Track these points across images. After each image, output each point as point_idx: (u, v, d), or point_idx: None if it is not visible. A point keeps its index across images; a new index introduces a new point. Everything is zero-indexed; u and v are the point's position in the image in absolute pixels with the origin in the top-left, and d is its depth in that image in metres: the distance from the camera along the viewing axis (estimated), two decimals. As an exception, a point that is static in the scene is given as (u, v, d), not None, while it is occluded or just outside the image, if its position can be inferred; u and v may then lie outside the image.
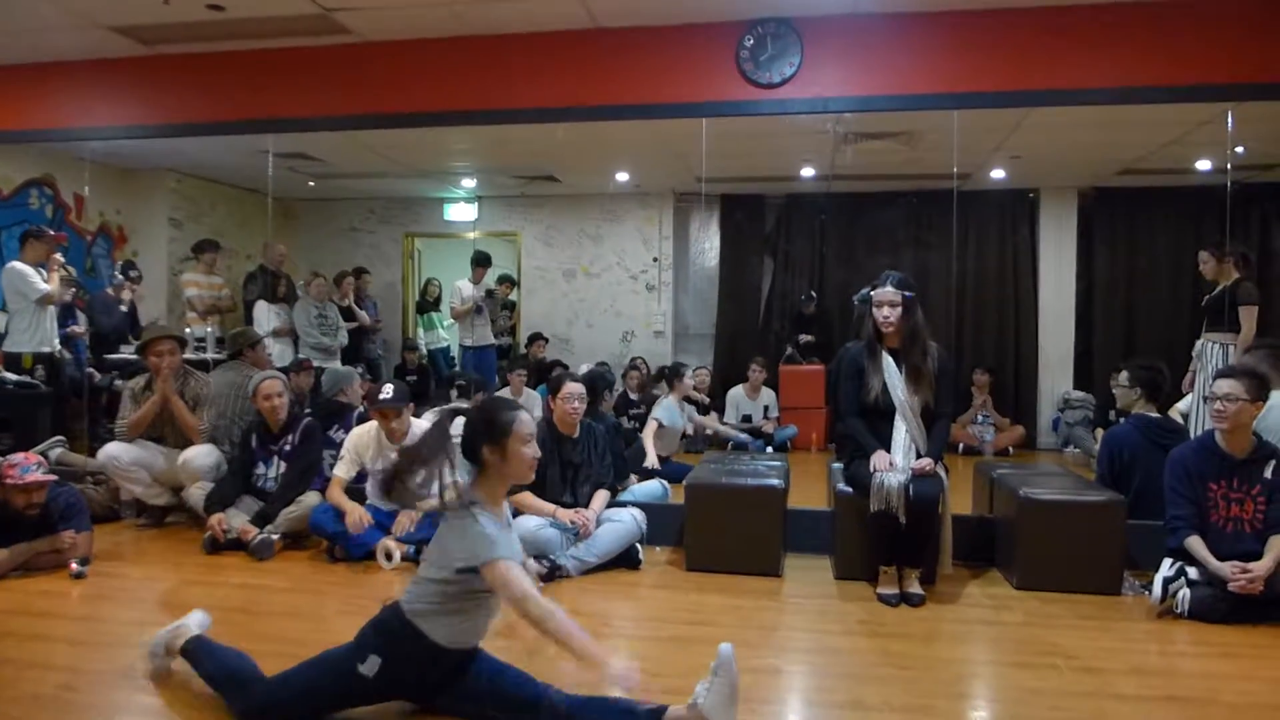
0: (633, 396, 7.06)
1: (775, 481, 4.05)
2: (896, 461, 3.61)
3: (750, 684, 2.75)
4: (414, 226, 8.69)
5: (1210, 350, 5.04)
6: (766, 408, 7.46)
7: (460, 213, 8.54)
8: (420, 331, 8.46)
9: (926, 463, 3.59)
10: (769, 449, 7.06)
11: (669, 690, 2.58)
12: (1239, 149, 5.12)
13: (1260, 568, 3.26)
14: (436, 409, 2.55)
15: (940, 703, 2.66)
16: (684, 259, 8.33)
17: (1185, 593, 3.38)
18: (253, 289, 6.82)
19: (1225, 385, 3.48)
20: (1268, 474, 3.46)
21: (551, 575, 3.77)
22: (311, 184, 7.68)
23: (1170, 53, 4.21)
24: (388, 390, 4.22)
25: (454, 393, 5.23)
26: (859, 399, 3.75)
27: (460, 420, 2.50)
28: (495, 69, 4.78)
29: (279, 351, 6.41)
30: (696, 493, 4.07)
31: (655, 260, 8.21)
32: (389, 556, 3.95)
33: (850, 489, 3.81)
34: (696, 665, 2.85)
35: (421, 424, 4.38)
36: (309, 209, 8.36)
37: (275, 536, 4.15)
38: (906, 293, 3.68)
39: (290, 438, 4.47)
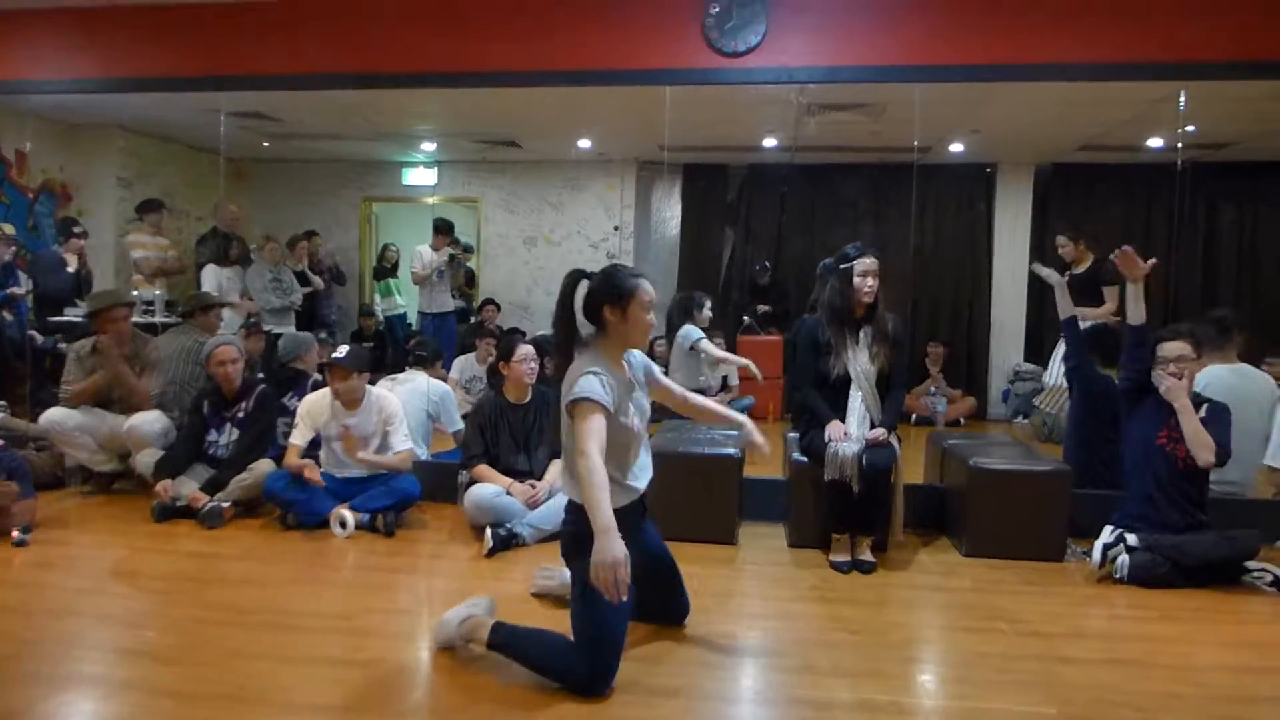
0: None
1: (732, 450, 4.08)
2: (851, 431, 3.66)
3: (704, 650, 2.79)
4: (372, 190, 8.53)
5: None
6: (725, 377, 7.49)
7: (419, 177, 8.39)
8: (378, 298, 8.34)
9: (880, 433, 3.64)
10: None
11: (633, 659, 2.61)
12: (1190, 128, 5.23)
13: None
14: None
15: (889, 666, 2.72)
16: (645, 228, 8.30)
17: (1124, 558, 3.49)
18: (204, 251, 6.66)
19: (1177, 348, 3.58)
20: (1201, 414, 3.57)
21: (508, 543, 3.77)
22: (266, 144, 7.49)
23: (1127, 30, 4.26)
24: (341, 350, 4.17)
25: (410, 361, 5.17)
26: (817, 369, 3.79)
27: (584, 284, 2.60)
28: (457, 30, 4.69)
29: (227, 317, 6.28)
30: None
31: (616, 229, 8.16)
32: (343, 524, 3.92)
33: (805, 458, 3.86)
34: (650, 633, 2.89)
35: (379, 392, 4.33)
36: (263, 170, 8.15)
37: (226, 504, 4.09)
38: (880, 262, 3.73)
39: (244, 404, 4.40)
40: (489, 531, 3.75)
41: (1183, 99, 4.63)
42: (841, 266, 3.75)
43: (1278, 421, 3.71)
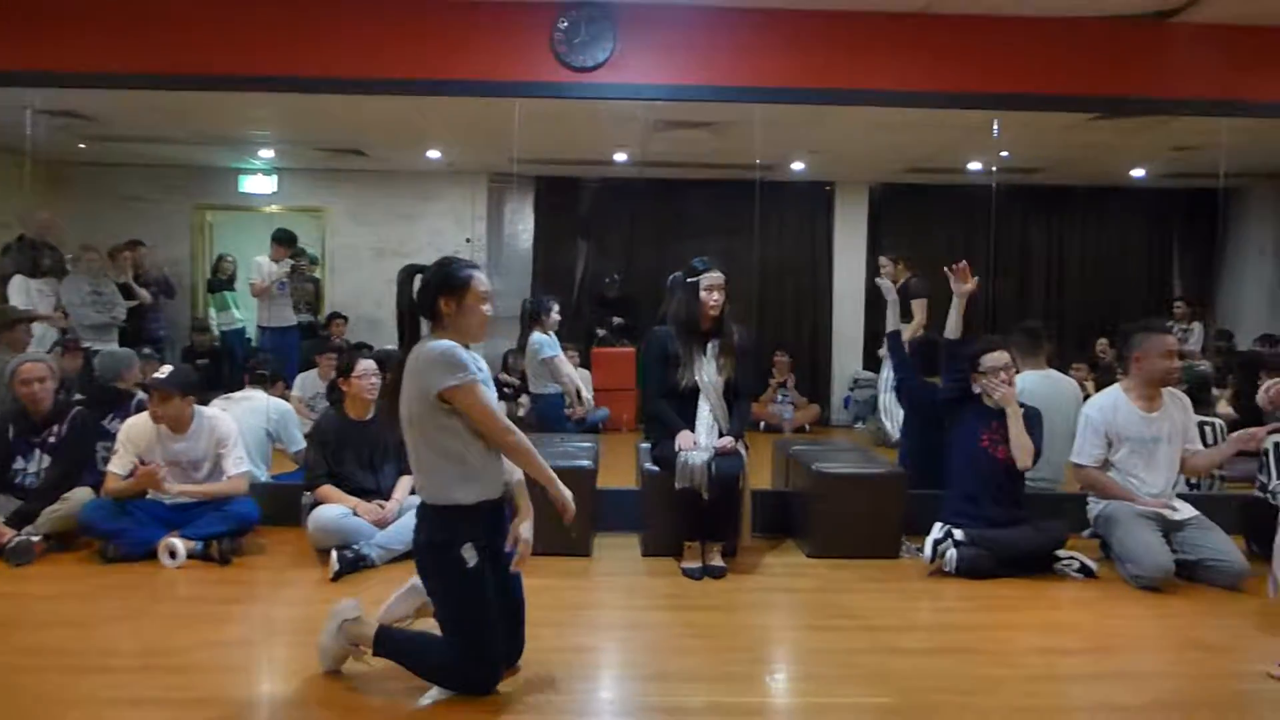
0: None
1: (585, 463, 4.10)
2: (700, 440, 3.75)
3: (559, 664, 2.79)
4: (205, 198, 8.05)
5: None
6: (579, 390, 7.51)
7: (257, 185, 7.98)
8: (213, 312, 7.86)
9: (728, 441, 3.75)
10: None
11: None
12: (1004, 154, 5.69)
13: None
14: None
15: (740, 669, 2.80)
16: (498, 241, 8.23)
17: (953, 553, 3.73)
18: (9, 262, 6.08)
19: (1001, 358, 3.88)
20: None
21: (356, 565, 3.64)
22: (82, 146, 6.94)
23: (949, 63, 4.59)
24: (163, 370, 3.92)
25: (247, 379, 4.91)
26: (666, 380, 3.86)
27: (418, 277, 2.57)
28: (294, 33, 4.49)
29: (40, 333, 5.76)
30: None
31: (468, 241, 8.05)
32: (173, 554, 3.68)
33: (657, 468, 3.92)
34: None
35: (212, 413, 4.09)
36: (82, 174, 7.54)
37: (36, 538, 3.73)
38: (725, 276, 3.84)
39: (56, 428, 4.06)
40: (334, 554, 3.61)
41: (996, 127, 5.03)
42: (688, 280, 3.85)
43: (1081, 423, 4.07)
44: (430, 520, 2.54)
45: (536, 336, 6.08)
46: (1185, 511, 3.82)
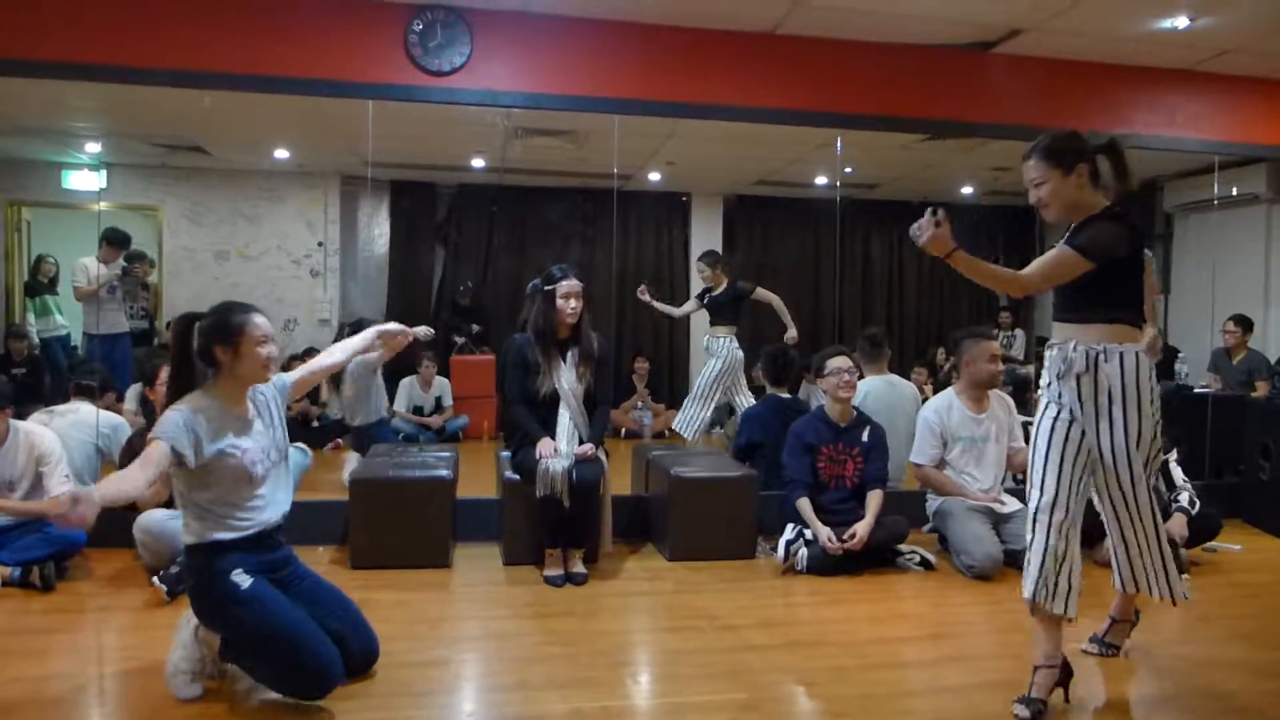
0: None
1: (444, 473, 4.04)
2: (561, 448, 3.77)
3: (417, 678, 2.74)
4: (21, 194, 7.38)
5: (717, 343, 6.03)
6: (439, 399, 7.39)
7: (83, 181, 7.38)
8: (31, 317, 7.24)
9: (588, 448, 3.78)
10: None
11: (337, 695, 2.49)
12: (848, 169, 6.01)
13: (863, 528, 3.85)
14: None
15: (601, 674, 2.83)
16: (352, 245, 7.96)
17: (803, 552, 3.90)
18: None
19: (843, 361, 4.08)
20: (864, 437, 4.11)
21: (180, 580, 3.43)
22: None
23: (795, 82, 4.80)
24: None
25: (72, 390, 4.55)
26: (525, 387, 3.86)
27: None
28: (128, 18, 4.21)
29: None
30: (361, 488, 3.93)
31: (320, 245, 7.75)
32: (-14, 582, 3.37)
33: (517, 475, 3.91)
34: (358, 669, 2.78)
35: (30, 428, 3.77)
36: None
37: None
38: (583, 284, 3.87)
39: None
40: (156, 579, 3.40)
41: (840, 144, 5.31)
42: (546, 288, 3.86)
43: (920, 424, 4.34)
44: (188, 557, 2.57)
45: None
46: (1011, 505, 4.14)
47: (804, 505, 3.95)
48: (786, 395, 4.91)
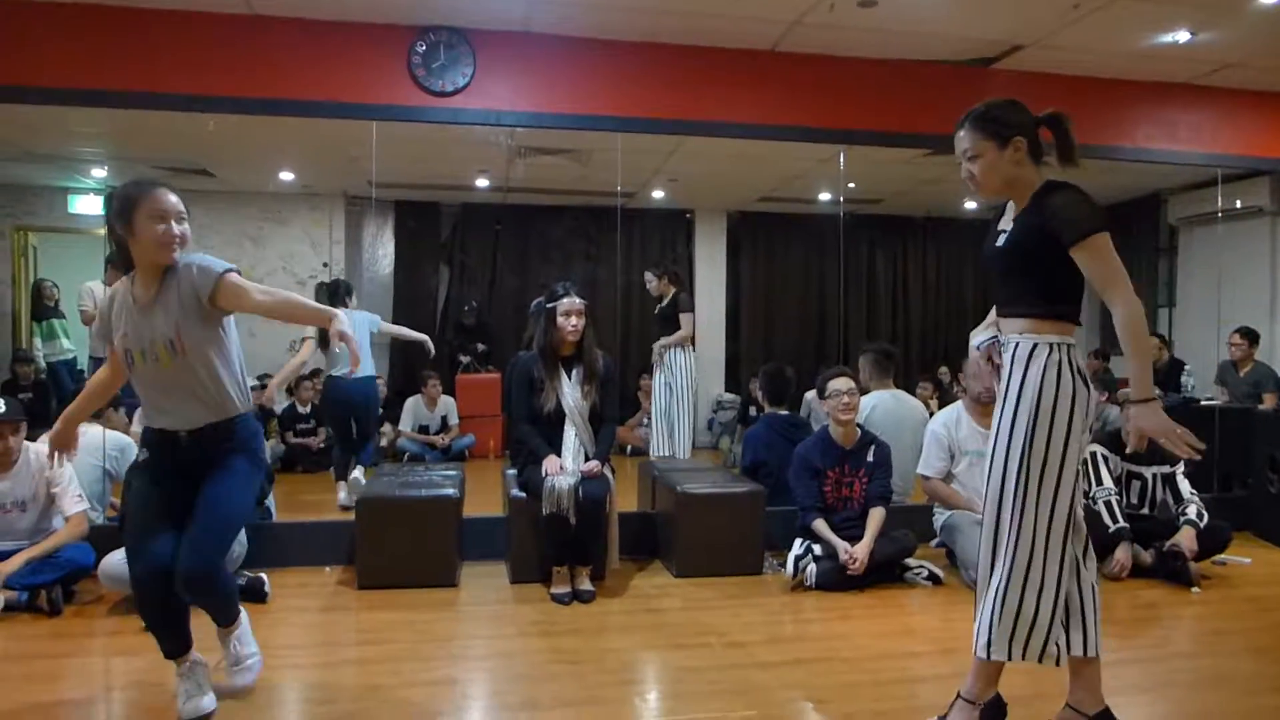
0: (301, 410, 6.66)
1: (450, 491, 4.04)
2: (566, 465, 3.77)
3: (426, 697, 2.73)
4: (28, 219, 7.43)
5: (668, 354, 6.09)
6: (444, 417, 7.40)
7: (90, 205, 7.44)
8: (38, 341, 7.26)
9: (594, 465, 3.78)
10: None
11: (344, 715, 2.48)
12: (851, 185, 6.03)
13: (861, 549, 3.83)
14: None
15: (609, 692, 2.81)
16: (357, 265, 7.99)
17: (812, 567, 3.88)
18: None
19: (844, 383, 4.07)
20: (870, 457, 4.10)
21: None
22: None
23: (798, 100, 4.84)
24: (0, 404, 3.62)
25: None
26: (531, 406, 3.86)
27: None
28: (132, 45, 4.25)
29: None
30: (368, 507, 3.93)
31: (325, 265, 7.78)
32: (-8, 604, 3.37)
33: (523, 494, 3.91)
34: (375, 685, 2.78)
35: (41, 449, 3.78)
36: (-125, 192, 6.85)
37: None
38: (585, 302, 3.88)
39: None
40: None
41: (842, 159, 5.33)
42: (548, 306, 3.88)
43: (927, 437, 4.33)
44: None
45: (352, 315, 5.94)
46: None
47: (820, 526, 3.94)
48: (785, 412, 4.90)
